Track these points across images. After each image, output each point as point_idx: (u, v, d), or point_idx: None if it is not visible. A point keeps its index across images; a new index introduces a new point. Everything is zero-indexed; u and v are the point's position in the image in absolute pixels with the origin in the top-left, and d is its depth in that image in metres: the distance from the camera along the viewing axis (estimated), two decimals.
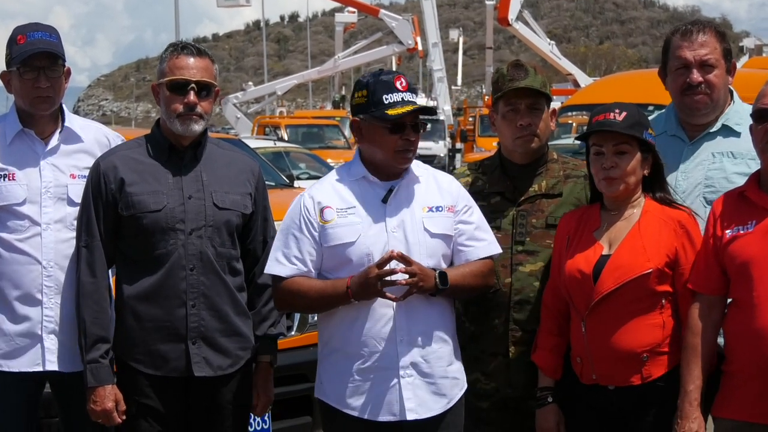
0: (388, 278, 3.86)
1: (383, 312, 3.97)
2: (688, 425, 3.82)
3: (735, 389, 3.80)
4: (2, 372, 4.39)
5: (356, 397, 4.02)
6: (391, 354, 3.98)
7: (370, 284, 3.87)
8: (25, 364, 4.39)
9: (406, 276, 3.87)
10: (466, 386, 4.18)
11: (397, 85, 4.02)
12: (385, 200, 4.03)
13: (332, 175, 4.17)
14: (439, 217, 4.07)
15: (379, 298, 3.92)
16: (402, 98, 4.00)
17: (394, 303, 3.94)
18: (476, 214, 4.17)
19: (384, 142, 4.02)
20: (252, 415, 4.53)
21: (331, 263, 4.02)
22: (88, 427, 4.35)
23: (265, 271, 4.14)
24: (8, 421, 4.42)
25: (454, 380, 4.11)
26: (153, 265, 4.19)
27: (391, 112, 3.97)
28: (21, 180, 4.38)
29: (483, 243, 4.13)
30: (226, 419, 4.31)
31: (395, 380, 3.99)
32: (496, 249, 4.16)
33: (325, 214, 4.02)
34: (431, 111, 4.08)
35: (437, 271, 3.96)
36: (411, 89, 4.05)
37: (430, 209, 4.07)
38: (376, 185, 4.06)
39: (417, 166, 4.16)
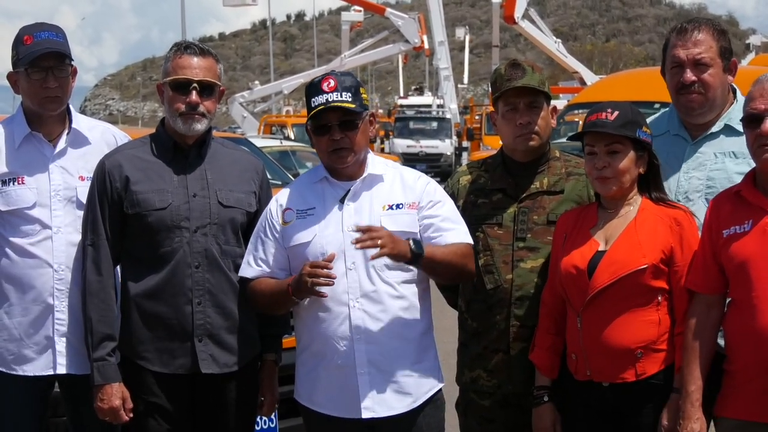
0: (319, 276, 3.85)
1: (339, 310, 3.99)
2: (691, 426, 3.81)
3: (737, 389, 3.79)
4: (14, 375, 4.40)
5: (322, 395, 4.08)
6: (348, 352, 4.00)
7: (302, 281, 3.89)
8: (38, 367, 4.40)
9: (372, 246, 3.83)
10: (440, 386, 4.19)
11: (324, 86, 4.03)
12: (342, 200, 4.08)
13: (298, 179, 4.29)
14: (399, 215, 4.08)
15: (336, 297, 3.96)
16: (326, 99, 4.01)
17: (350, 301, 3.97)
18: (445, 208, 4.17)
19: (317, 144, 4.10)
20: (259, 414, 4.54)
21: (295, 263, 4.08)
22: (95, 426, 4.36)
23: (238, 274, 4.21)
24: (18, 422, 4.43)
25: (421, 379, 4.10)
26: (158, 263, 4.20)
27: (310, 114, 4.04)
28: (30, 184, 4.38)
29: (451, 231, 4.12)
30: (233, 417, 4.32)
31: (353, 378, 4.00)
32: (467, 238, 4.15)
33: (286, 216, 4.12)
34: (347, 110, 4.02)
35: (411, 239, 3.95)
36: (343, 88, 4.02)
37: (390, 207, 4.09)
38: (337, 186, 4.11)
39: (384, 164, 4.21)
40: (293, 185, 4.24)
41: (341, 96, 4.01)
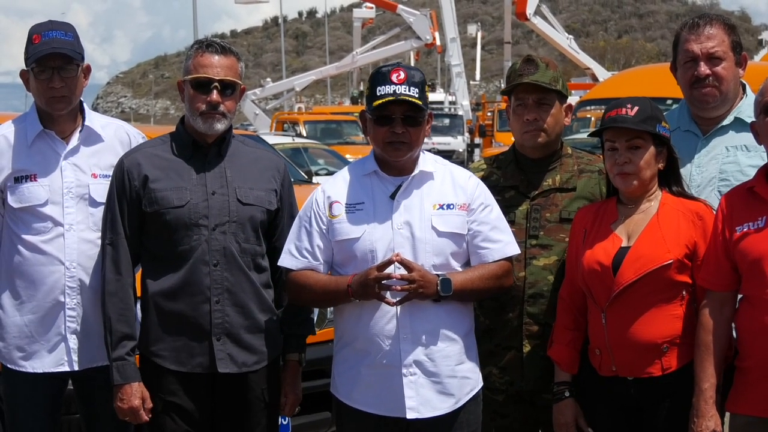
0: (385, 282, 3.84)
1: (386, 309, 3.94)
2: (705, 424, 3.80)
3: (749, 385, 3.78)
4: (26, 373, 4.41)
5: (362, 392, 4.02)
6: (393, 352, 3.95)
7: (369, 286, 3.86)
8: (50, 364, 4.41)
9: (404, 282, 3.85)
10: (480, 385, 4.15)
11: (393, 77, 3.97)
12: (392, 196, 4.02)
13: (346, 170, 4.18)
14: (450, 215, 4.02)
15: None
16: (394, 90, 3.95)
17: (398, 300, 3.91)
18: (494, 213, 4.12)
19: (375, 133, 4.02)
20: (280, 414, 4.49)
21: (340, 257, 4.04)
22: (109, 423, 4.37)
23: (278, 264, 4.16)
24: (31, 419, 4.44)
25: (464, 380, 4.07)
26: (177, 261, 4.19)
27: (375, 103, 3.97)
28: (42, 181, 4.38)
29: (498, 245, 4.07)
30: (253, 417, 4.30)
31: (398, 378, 3.96)
32: (512, 250, 4.10)
33: (334, 209, 4.04)
34: (415, 105, 3.98)
35: (440, 278, 3.91)
36: (411, 83, 3.97)
37: (441, 206, 4.02)
38: (386, 181, 4.05)
39: (434, 161, 4.14)
40: (341, 177, 4.15)
41: (409, 90, 3.96)
